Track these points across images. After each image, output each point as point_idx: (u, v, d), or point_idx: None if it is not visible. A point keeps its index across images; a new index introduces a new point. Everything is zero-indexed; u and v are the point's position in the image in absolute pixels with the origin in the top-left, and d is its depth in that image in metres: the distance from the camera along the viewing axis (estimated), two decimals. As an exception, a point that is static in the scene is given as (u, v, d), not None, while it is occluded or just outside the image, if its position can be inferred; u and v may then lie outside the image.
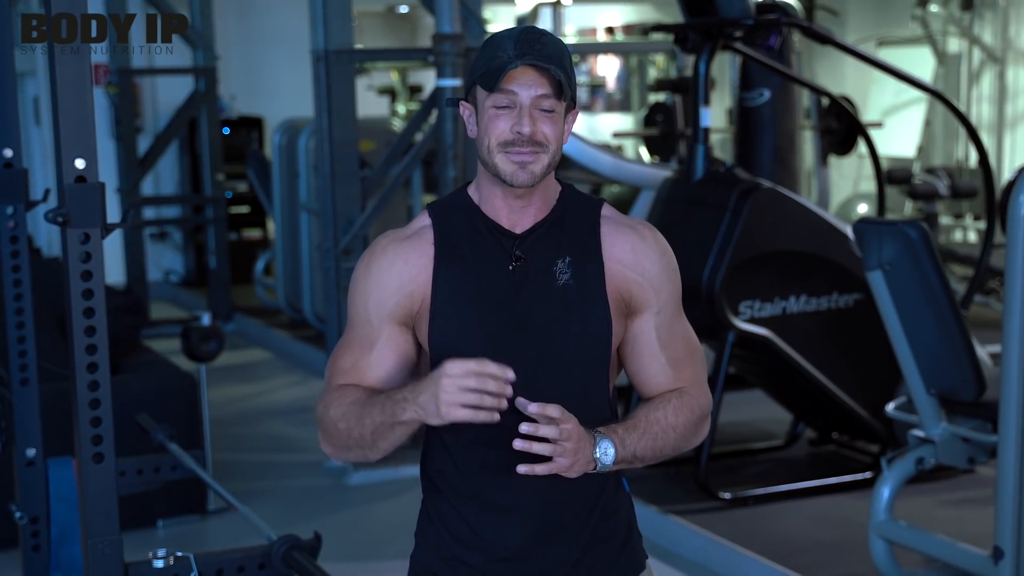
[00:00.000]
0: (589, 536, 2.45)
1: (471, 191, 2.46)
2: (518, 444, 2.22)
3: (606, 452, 2.30)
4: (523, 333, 2.36)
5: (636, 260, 2.43)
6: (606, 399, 2.45)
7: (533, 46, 2.29)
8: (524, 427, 2.22)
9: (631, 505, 2.57)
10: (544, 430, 2.22)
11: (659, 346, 2.45)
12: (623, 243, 2.43)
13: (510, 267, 2.38)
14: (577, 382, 2.38)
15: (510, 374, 2.20)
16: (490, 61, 2.31)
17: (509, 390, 2.20)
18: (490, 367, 2.18)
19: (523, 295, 2.37)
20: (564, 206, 2.44)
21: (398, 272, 2.40)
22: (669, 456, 2.46)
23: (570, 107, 2.38)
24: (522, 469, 2.24)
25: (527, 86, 2.29)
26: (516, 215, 2.40)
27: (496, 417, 2.20)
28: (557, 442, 2.23)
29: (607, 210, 2.47)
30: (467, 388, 2.17)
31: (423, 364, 2.45)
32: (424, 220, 2.45)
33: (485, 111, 2.33)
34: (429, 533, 2.51)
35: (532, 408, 2.22)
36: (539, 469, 2.24)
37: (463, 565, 2.45)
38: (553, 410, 2.22)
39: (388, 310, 2.40)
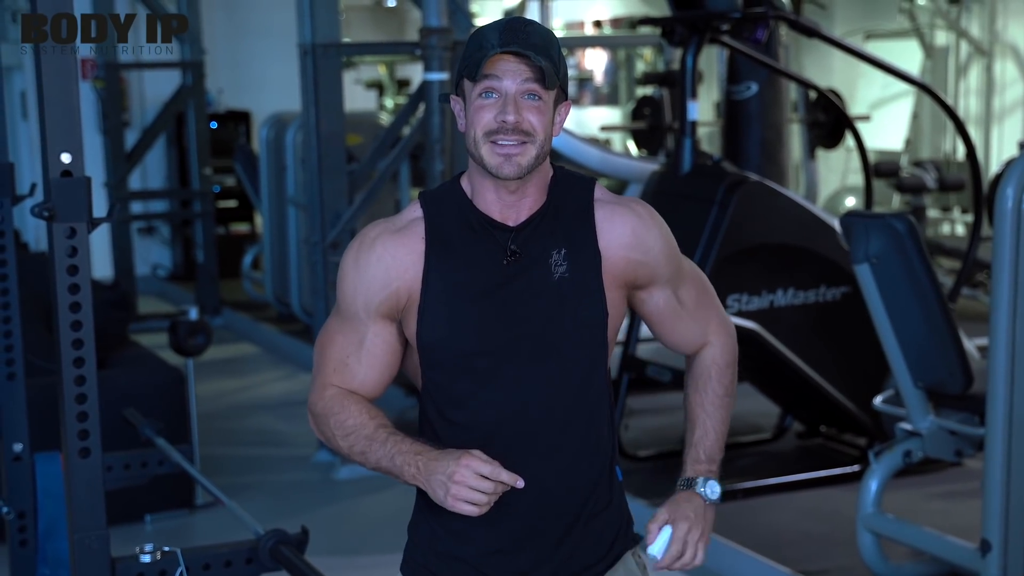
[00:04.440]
0: (583, 527, 2.45)
1: (464, 183, 2.42)
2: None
3: (712, 490, 2.48)
4: (518, 328, 2.35)
5: (639, 241, 2.43)
6: (604, 386, 2.46)
7: (517, 35, 2.26)
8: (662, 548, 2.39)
9: (623, 494, 2.58)
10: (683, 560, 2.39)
11: (681, 307, 2.53)
12: (622, 226, 2.42)
13: (504, 262, 2.36)
14: (574, 375, 2.38)
15: (520, 483, 2.25)
16: (475, 52, 2.29)
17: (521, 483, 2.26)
18: (503, 476, 2.23)
19: (518, 290, 2.35)
20: (557, 194, 2.41)
21: (385, 267, 2.37)
22: None
23: (561, 98, 2.35)
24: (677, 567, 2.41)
25: (511, 74, 2.27)
26: (509, 209, 2.37)
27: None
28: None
29: (599, 192, 2.45)
30: (478, 492, 2.22)
31: (411, 358, 2.45)
32: (415, 211, 2.42)
33: (472, 102, 2.31)
34: (423, 528, 2.50)
35: (659, 548, 2.38)
36: (678, 566, 2.41)
37: (457, 560, 2.45)
38: (685, 538, 2.39)
39: (375, 305, 2.38)
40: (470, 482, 2.20)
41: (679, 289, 2.52)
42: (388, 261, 2.37)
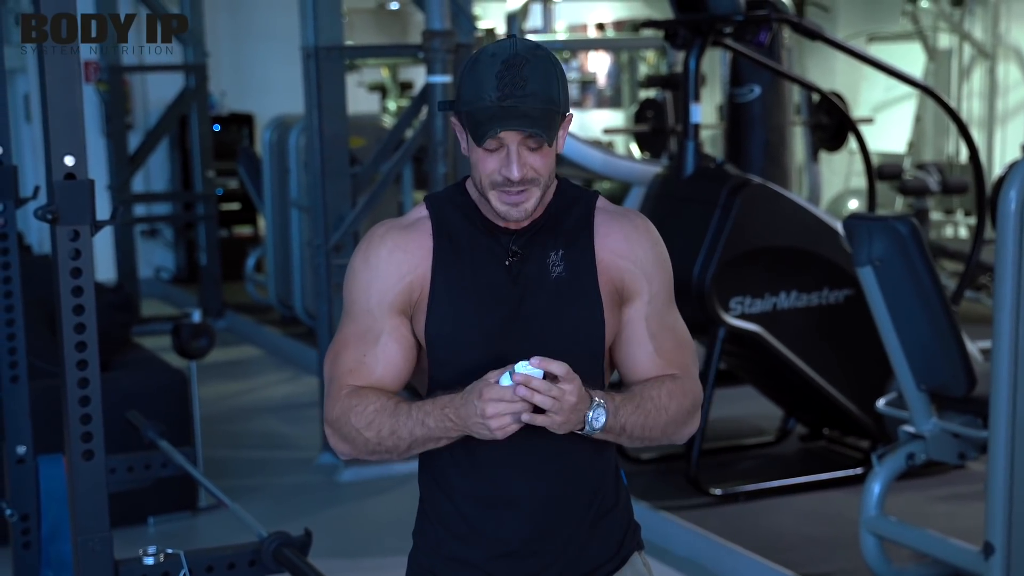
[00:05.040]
0: (589, 529, 2.46)
1: (469, 187, 2.44)
2: (521, 391, 2.18)
3: (597, 418, 2.28)
4: (519, 327, 2.36)
5: (629, 248, 2.43)
6: (603, 388, 2.44)
7: (516, 84, 2.23)
8: (521, 368, 2.19)
9: (628, 498, 2.58)
10: (543, 385, 2.19)
11: (648, 335, 2.44)
12: (616, 232, 2.43)
13: (507, 262, 2.38)
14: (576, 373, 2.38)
15: (540, 372, 2.20)
16: (474, 101, 2.26)
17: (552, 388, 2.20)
18: (517, 379, 2.18)
19: (519, 289, 2.37)
20: (560, 203, 2.43)
21: (397, 262, 2.38)
22: (657, 441, 2.43)
23: (563, 116, 2.34)
24: (525, 418, 2.21)
25: (512, 132, 2.25)
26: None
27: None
28: (554, 399, 2.20)
29: (601, 202, 2.47)
30: (513, 413, 2.19)
31: (420, 356, 2.45)
32: (421, 212, 2.44)
33: (473, 147, 2.31)
34: (428, 533, 2.50)
35: (534, 360, 2.19)
36: (526, 418, 2.21)
37: (463, 564, 2.45)
38: (558, 367, 2.20)
39: (389, 300, 2.38)
40: (502, 410, 2.19)
41: (657, 319, 2.45)
42: (400, 256, 2.39)
